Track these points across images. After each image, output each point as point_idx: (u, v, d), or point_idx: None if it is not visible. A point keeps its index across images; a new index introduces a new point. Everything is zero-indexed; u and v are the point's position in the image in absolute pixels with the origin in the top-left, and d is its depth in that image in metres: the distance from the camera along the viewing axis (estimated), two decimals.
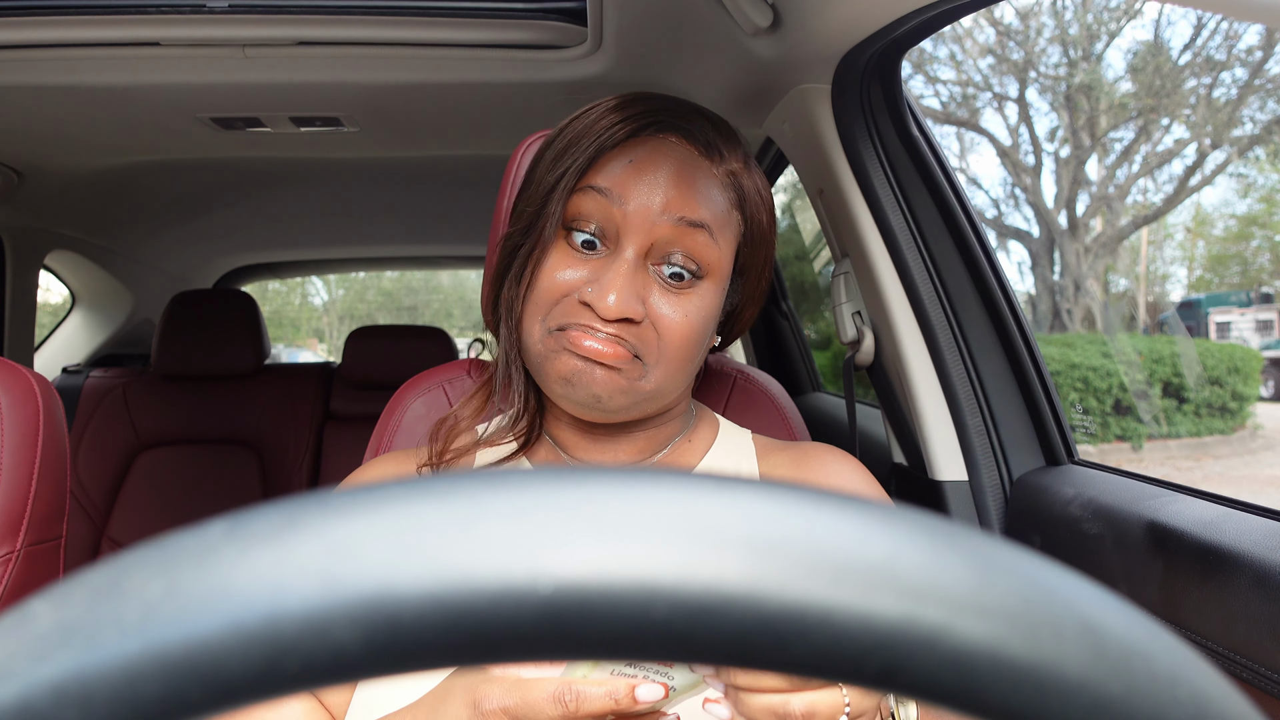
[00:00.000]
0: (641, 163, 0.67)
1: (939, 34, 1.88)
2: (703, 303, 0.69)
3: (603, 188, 0.66)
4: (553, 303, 0.67)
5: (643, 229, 0.66)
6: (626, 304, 0.64)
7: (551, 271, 0.67)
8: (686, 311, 0.67)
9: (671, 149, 0.68)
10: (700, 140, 0.70)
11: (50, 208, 2.12)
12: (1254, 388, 8.61)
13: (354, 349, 2.45)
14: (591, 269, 0.67)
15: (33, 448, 0.95)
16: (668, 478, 0.17)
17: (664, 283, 0.67)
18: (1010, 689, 0.16)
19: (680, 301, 0.67)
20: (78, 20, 1.23)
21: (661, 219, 0.66)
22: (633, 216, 0.66)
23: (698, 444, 0.79)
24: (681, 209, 0.66)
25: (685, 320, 0.67)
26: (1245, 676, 0.71)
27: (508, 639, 0.16)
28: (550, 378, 0.68)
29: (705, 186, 0.68)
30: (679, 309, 0.67)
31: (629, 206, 0.66)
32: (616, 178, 0.66)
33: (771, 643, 0.16)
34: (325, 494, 0.17)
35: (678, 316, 0.67)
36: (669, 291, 0.67)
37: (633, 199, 0.66)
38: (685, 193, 0.67)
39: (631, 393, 0.68)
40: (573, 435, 0.76)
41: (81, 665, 0.15)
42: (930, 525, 0.17)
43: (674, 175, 0.67)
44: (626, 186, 0.66)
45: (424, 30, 1.29)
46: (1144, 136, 12.55)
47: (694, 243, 0.67)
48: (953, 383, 1.15)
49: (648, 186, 0.66)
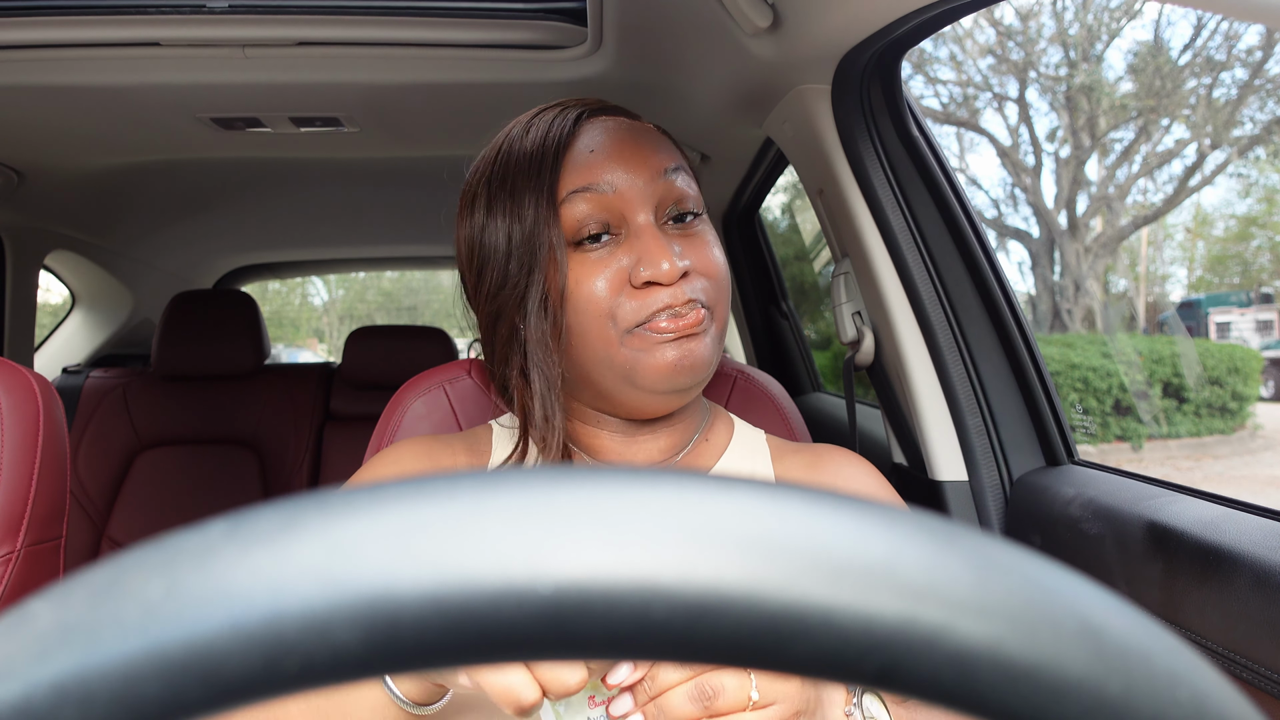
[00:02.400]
0: (601, 146, 0.69)
1: (939, 34, 1.88)
2: (712, 234, 0.73)
3: (585, 185, 0.68)
4: (610, 307, 0.67)
5: (642, 195, 0.68)
6: (677, 260, 0.67)
7: (588, 282, 0.67)
8: (710, 245, 0.71)
9: (608, 123, 0.72)
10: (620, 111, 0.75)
11: (50, 208, 2.12)
12: (1254, 388, 8.61)
13: (354, 349, 2.45)
14: (619, 256, 0.68)
15: (33, 448, 0.95)
16: (667, 477, 0.17)
17: (679, 231, 0.70)
18: (1010, 689, 0.16)
19: (699, 240, 0.71)
20: (78, 20, 1.23)
21: (651, 180, 0.69)
22: (627, 190, 0.68)
23: (715, 443, 0.79)
24: (659, 163, 0.70)
25: (713, 254, 0.71)
26: (1245, 676, 0.71)
27: (508, 639, 0.16)
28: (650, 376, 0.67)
29: (654, 138, 0.72)
30: (703, 247, 0.71)
31: (619, 185, 0.68)
32: (590, 170, 0.68)
33: (771, 643, 0.16)
34: (325, 494, 0.17)
35: (707, 253, 0.71)
36: (687, 237, 0.70)
37: (618, 177, 0.68)
38: (650, 149, 0.70)
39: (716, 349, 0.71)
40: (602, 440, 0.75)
41: (82, 665, 0.15)
42: (930, 525, 0.17)
43: (633, 141, 0.70)
44: (604, 170, 0.68)
45: (424, 30, 1.29)
46: (1144, 137, 12.55)
47: (682, 186, 0.70)
48: (953, 383, 1.15)
49: (622, 160, 0.69)
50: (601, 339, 0.67)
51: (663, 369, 0.67)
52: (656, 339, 0.67)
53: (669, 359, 0.67)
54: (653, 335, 0.67)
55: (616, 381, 0.69)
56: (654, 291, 0.67)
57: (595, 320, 0.67)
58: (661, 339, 0.67)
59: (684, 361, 0.67)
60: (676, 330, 0.66)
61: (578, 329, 0.68)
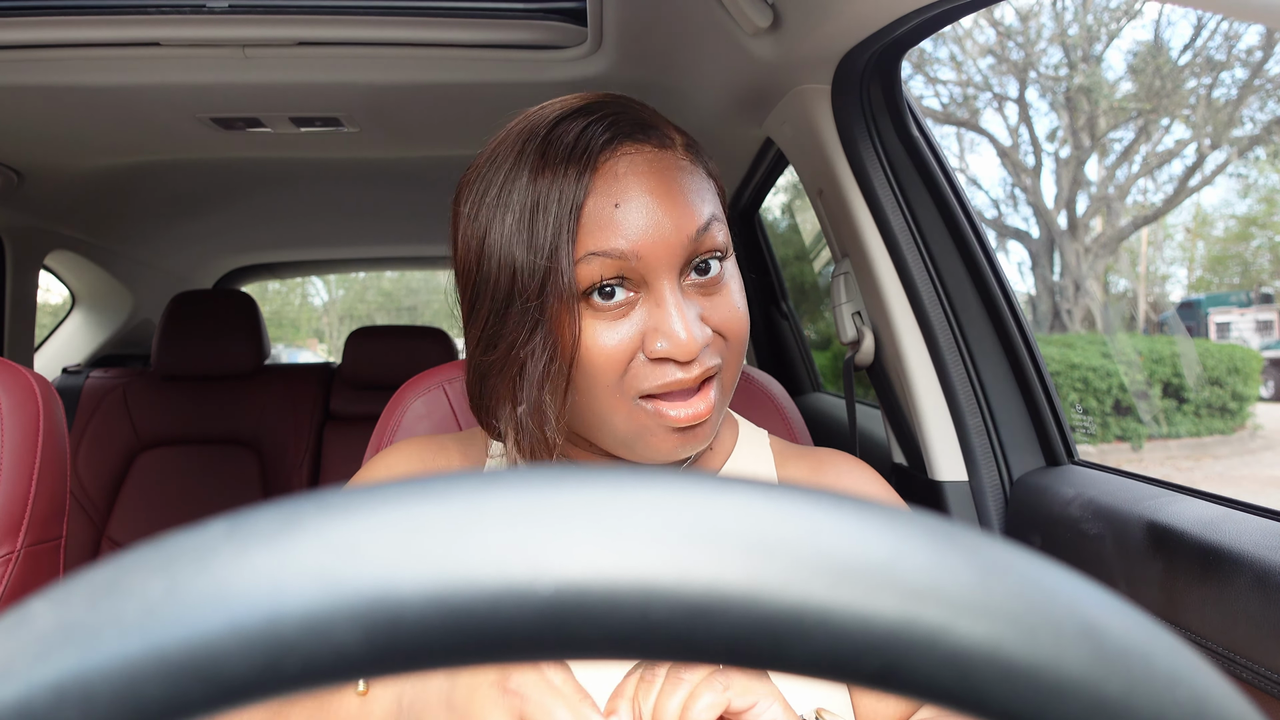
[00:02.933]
0: (626, 202, 0.61)
1: (939, 34, 1.88)
2: (735, 280, 0.67)
3: (607, 250, 0.60)
4: (619, 371, 0.62)
5: (666, 261, 0.61)
6: (697, 333, 0.61)
7: (599, 340, 0.62)
8: (734, 299, 0.65)
9: (634, 164, 0.63)
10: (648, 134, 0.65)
11: (50, 208, 2.12)
12: (1254, 388, 8.61)
13: (354, 349, 2.45)
14: (635, 320, 0.63)
15: (33, 448, 0.95)
16: (667, 478, 0.17)
17: (700, 286, 0.64)
18: (1010, 689, 0.16)
19: (721, 294, 0.65)
20: (78, 20, 1.23)
21: (677, 245, 0.62)
22: (650, 259, 0.61)
23: (719, 446, 0.78)
24: (688, 222, 0.62)
25: (736, 311, 0.65)
26: (1245, 676, 0.71)
27: (508, 639, 0.16)
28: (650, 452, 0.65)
29: (687, 181, 0.64)
30: (727, 305, 0.65)
31: (642, 251, 0.61)
32: (612, 232, 0.61)
33: (770, 643, 0.16)
34: (325, 494, 0.17)
35: (730, 312, 0.65)
36: (708, 294, 0.65)
37: (642, 243, 0.61)
38: (680, 203, 0.62)
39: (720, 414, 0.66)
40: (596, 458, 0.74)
41: (82, 665, 0.15)
42: (930, 525, 0.17)
43: (660, 192, 0.62)
44: (627, 235, 0.60)
45: (424, 30, 1.29)
46: (1144, 137, 12.55)
47: (711, 239, 0.64)
48: (953, 383, 1.15)
49: (648, 222, 0.61)
50: (608, 401, 0.64)
51: (665, 449, 0.64)
52: (662, 422, 0.63)
53: (672, 441, 0.64)
54: (660, 416, 0.63)
55: (616, 443, 0.66)
56: (667, 367, 0.62)
57: (602, 381, 0.63)
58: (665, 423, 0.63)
59: (687, 444, 0.64)
60: (687, 419, 0.63)
61: (583, 385, 0.63)
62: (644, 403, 0.63)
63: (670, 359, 0.62)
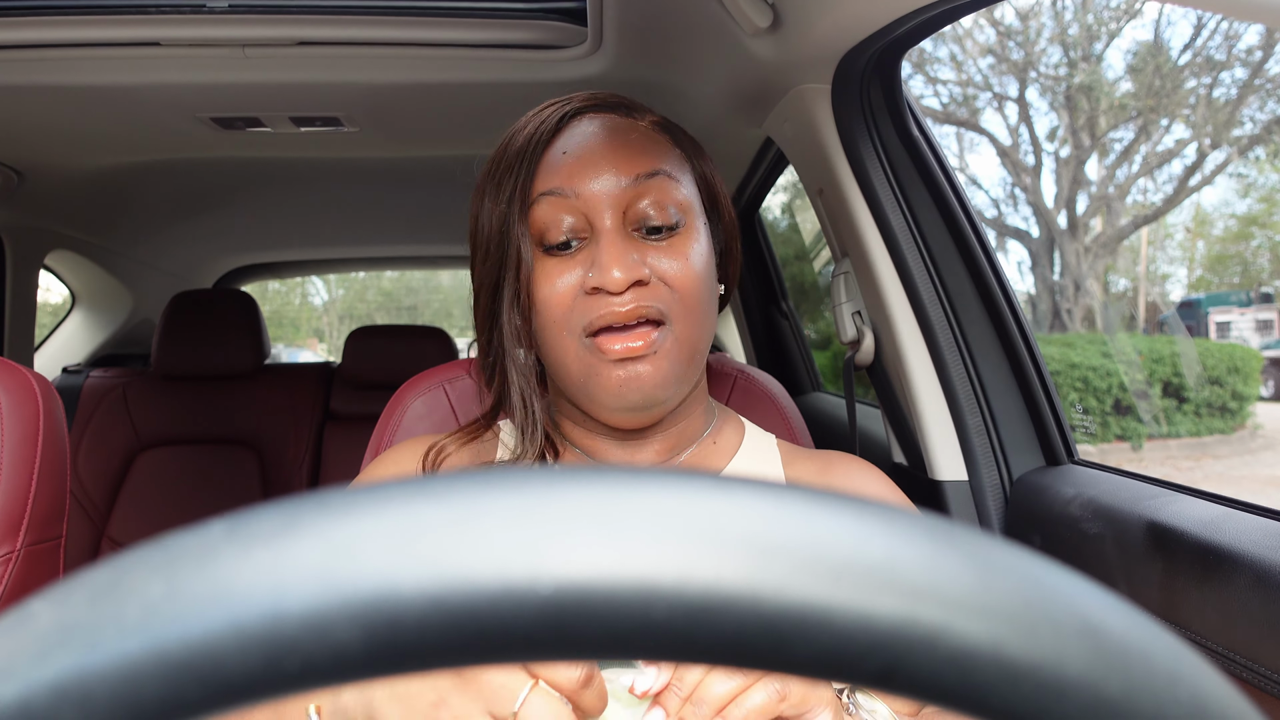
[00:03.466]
0: (575, 149, 0.68)
1: (939, 34, 1.88)
2: (695, 244, 0.70)
3: (552, 189, 0.67)
4: (568, 309, 0.67)
5: (607, 200, 0.67)
6: (628, 268, 0.65)
7: (549, 283, 0.68)
8: (687, 256, 0.69)
9: (592, 124, 0.70)
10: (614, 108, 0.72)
11: (50, 208, 2.12)
12: (1254, 387, 8.61)
13: (354, 349, 2.45)
14: (582, 261, 0.67)
15: (33, 448, 0.95)
16: (667, 477, 0.17)
17: (652, 242, 0.68)
18: (1010, 688, 0.16)
19: (674, 251, 0.68)
20: (78, 20, 1.23)
21: (620, 184, 0.67)
22: (592, 197, 0.67)
23: (724, 446, 0.78)
24: (632, 166, 0.67)
25: (687, 265, 0.68)
26: (1245, 676, 0.71)
27: (508, 639, 0.16)
28: (601, 393, 0.68)
29: (640, 139, 0.70)
30: (677, 258, 0.68)
31: (585, 189, 0.67)
32: (560, 173, 0.67)
33: (771, 643, 0.16)
34: (325, 494, 0.17)
35: (679, 265, 0.68)
36: (660, 248, 0.68)
37: (585, 181, 0.67)
38: (627, 151, 0.68)
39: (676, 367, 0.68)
40: (598, 442, 0.75)
41: (82, 665, 0.15)
42: (930, 525, 0.17)
43: (609, 142, 0.68)
44: (573, 175, 0.67)
45: (424, 30, 1.29)
46: (1144, 136, 12.55)
47: (659, 191, 0.68)
48: (953, 383, 1.15)
49: (592, 163, 0.67)
50: (560, 344, 0.68)
51: (610, 388, 0.67)
52: (603, 357, 0.66)
53: (615, 378, 0.67)
54: (600, 350, 0.66)
55: (577, 390, 0.70)
56: (601, 299, 0.66)
57: (553, 324, 0.68)
58: (607, 359, 0.66)
59: (631, 384, 0.67)
60: (620, 353, 0.66)
61: (540, 330, 0.69)
62: (587, 340, 0.67)
63: (602, 289, 0.66)
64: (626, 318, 0.66)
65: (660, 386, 0.68)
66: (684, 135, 0.75)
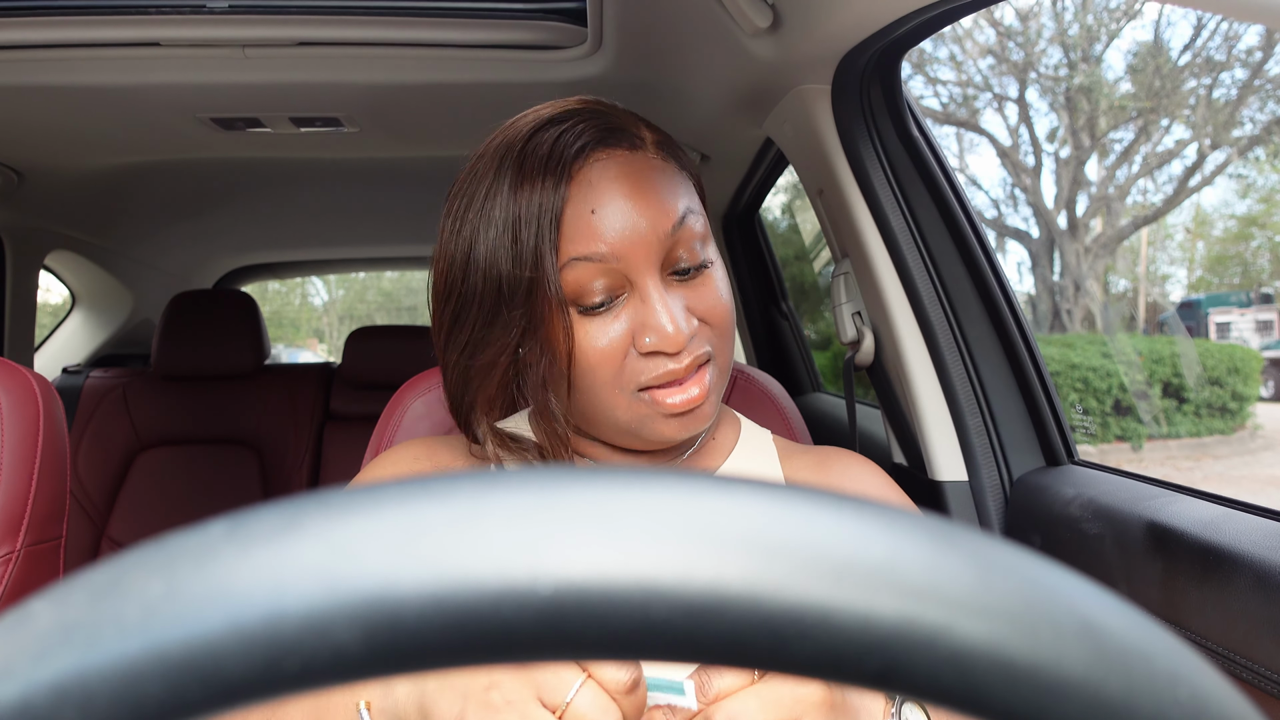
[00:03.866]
0: (602, 206, 0.64)
1: (939, 34, 1.88)
2: (719, 272, 0.70)
3: (586, 254, 0.64)
4: (618, 369, 0.66)
5: (646, 259, 0.65)
6: (683, 325, 0.65)
7: (592, 343, 0.65)
8: (719, 289, 0.69)
9: (607, 168, 0.66)
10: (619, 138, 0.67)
11: (50, 208, 2.12)
12: (1254, 388, 8.61)
13: (354, 349, 2.45)
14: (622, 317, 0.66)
15: (33, 448, 0.95)
16: (668, 478, 0.17)
17: (685, 282, 0.68)
18: (1010, 689, 0.16)
19: (707, 287, 0.68)
20: (78, 20, 1.23)
21: (657, 239, 0.65)
22: (631, 258, 0.64)
23: (721, 444, 0.78)
24: (663, 220, 0.65)
25: (719, 299, 0.68)
26: (1245, 676, 0.71)
27: (509, 639, 0.16)
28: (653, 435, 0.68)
29: (659, 179, 0.67)
30: (710, 295, 0.68)
31: (624, 252, 0.64)
32: (593, 237, 0.64)
33: (771, 643, 0.16)
34: (326, 494, 0.17)
35: (714, 301, 0.68)
36: (693, 287, 0.68)
37: (622, 244, 0.64)
38: (654, 202, 0.65)
39: (717, 397, 0.69)
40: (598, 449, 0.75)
41: (82, 665, 0.15)
42: (930, 525, 0.17)
43: (635, 192, 0.65)
44: (605, 238, 0.64)
45: (424, 30, 1.29)
46: (1144, 137, 12.55)
47: (689, 234, 0.67)
48: (953, 383, 1.15)
49: (624, 224, 0.64)
50: (610, 399, 0.67)
51: (667, 433, 0.67)
52: (660, 409, 0.66)
53: (673, 425, 0.67)
54: (658, 404, 0.66)
55: (620, 433, 0.70)
56: (658, 359, 0.65)
57: (602, 385, 0.66)
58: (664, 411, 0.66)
59: (688, 427, 0.68)
60: (681, 405, 0.66)
61: (581, 384, 0.67)
62: (642, 394, 0.67)
63: (660, 352, 0.65)
64: (686, 372, 0.66)
65: (710, 418, 0.69)
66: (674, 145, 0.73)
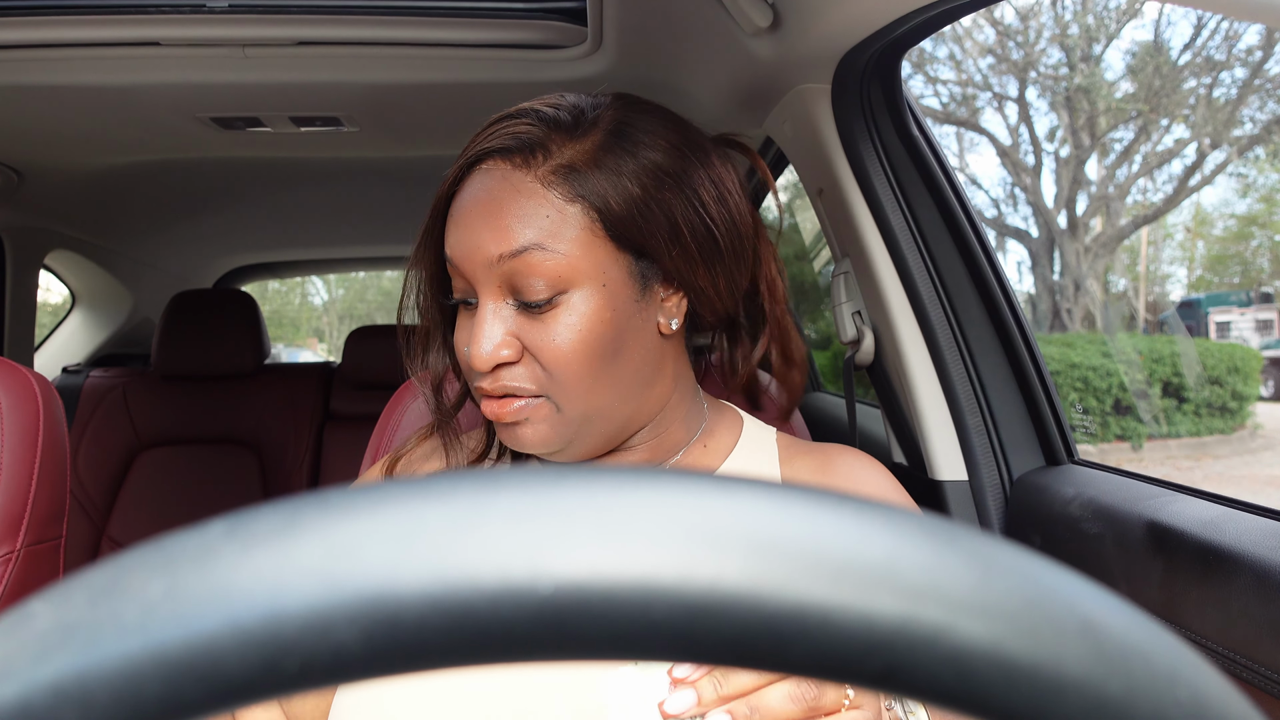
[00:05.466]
0: (459, 214, 0.66)
1: (939, 34, 1.88)
2: (573, 316, 0.64)
3: (448, 256, 0.67)
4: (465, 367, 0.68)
5: (481, 277, 0.64)
6: (487, 353, 0.64)
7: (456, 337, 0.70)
8: (555, 333, 0.64)
9: (483, 179, 0.65)
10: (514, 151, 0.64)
11: (50, 208, 2.12)
12: (1254, 387, 8.62)
13: (354, 349, 2.45)
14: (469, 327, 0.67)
15: (33, 448, 0.95)
16: (668, 477, 0.17)
17: (530, 314, 0.65)
18: (1010, 689, 0.16)
19: (546, 325, 0.64)
20: (78, 20, 1.23)
21: (489, 263, 0.63)
22: (470, 271, 0.65)
23: (716, 448, 0.77)
24: (497, 245, 0.63)
25: (556, 342, 0.64)
26: (1245, 676, 0.71)
27: (508, 639, 0.16)
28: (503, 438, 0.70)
29: (517, 205, 0.63)
30: (546, 334, 0.64)
31: (464, 263, 0.65)
32: (450, 241, 0.66)
33: (771, 643, 0.16)
34: (325, 494, 0.17)
35: (547, 340, 0.64)
36: (536, 320, 0.64)
37: (463, 254, 0.65)
38: (495, 225, 0.63)
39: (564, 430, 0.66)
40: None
41: (81, 665, 0.15)
42: (930, 525, 0.17)
43: (483, 212, 0.64)
44: (457, 245, 0.65)
45: (424, 30, 1.29)
46: (1144, 137, 12.55)
47: (529, 267, 0.63)
48: (953, 383, 1.15)
49: (468, 236, 0.64)
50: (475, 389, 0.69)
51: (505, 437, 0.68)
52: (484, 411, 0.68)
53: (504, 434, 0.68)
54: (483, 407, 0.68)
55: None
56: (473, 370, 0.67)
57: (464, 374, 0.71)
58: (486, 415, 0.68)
59: (513, 440, 0.67)
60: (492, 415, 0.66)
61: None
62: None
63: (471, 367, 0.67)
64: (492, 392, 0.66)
65: (544, 444, 0.67)
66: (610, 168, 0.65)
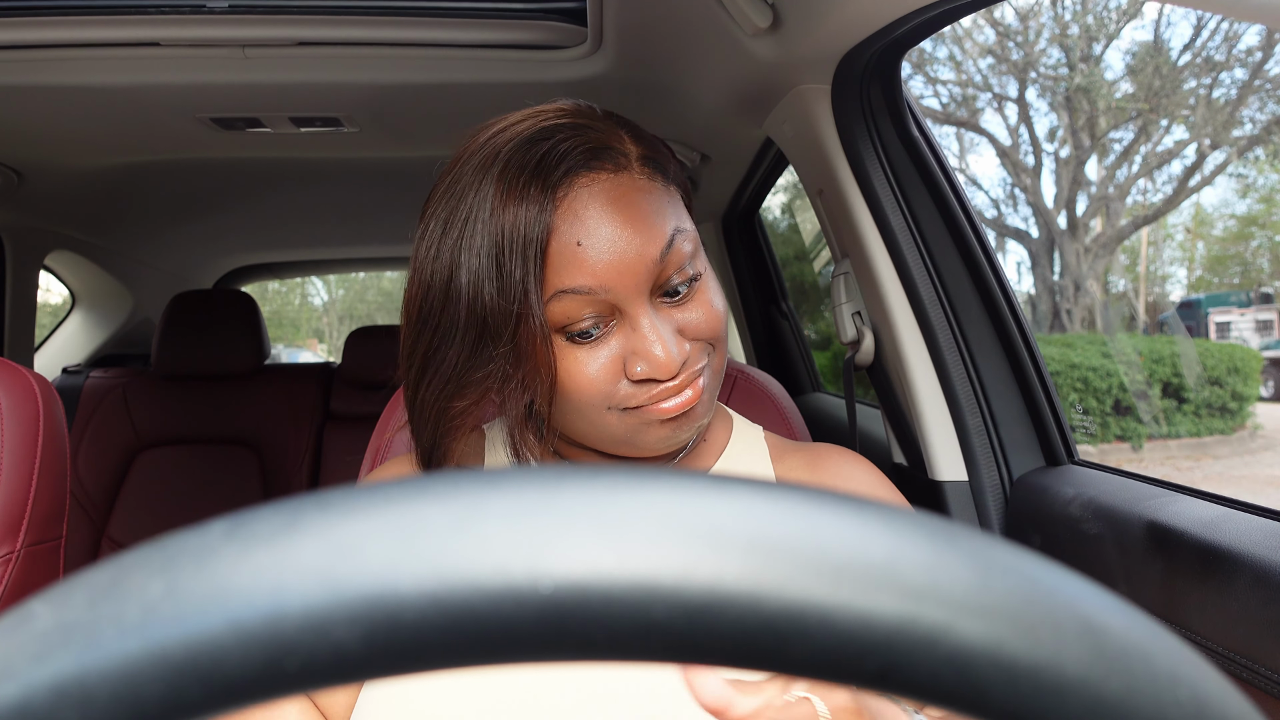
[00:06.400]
0: (588, 237, 0.61)
1: (939, 34, 1.88)
2: (709, 284, 0.67)
3: (574, 287, 0.61)
4: (607, 394, 0.64)
5: (635, 288, 0.62)
6: (676, 351, 0.63)
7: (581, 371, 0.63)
8: (710, 304, 0.66)
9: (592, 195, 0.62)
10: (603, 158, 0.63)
11: (50, 208, 2.12)
12: (1254, 388, 8.61)
13: (354, 349, 2.45)
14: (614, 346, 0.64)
15: (33, 448, 0.95)
16: (668, 478, 0.17)
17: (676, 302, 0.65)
18: (1010, 689, 0.16)
19: (699, 301, 0.66)
20: (78, 20, 1.23)
21: (646, 267, 0.62)
22: (619, 289, 0.61)
23: (713, 442, 0.78)
24: (651, 247, 0.62)
25: (712, 310, 0.66)
26: (1245, 676, 0.71)
27: (508, 639, 0.16)
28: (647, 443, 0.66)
29: (645, 202, 0.63)
30: (702, 308, 0.66)
31: (613, 284, 0.61)
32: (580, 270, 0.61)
33: (771, 643, 0.16)
34: (326, 494, 0.17)
35: (705, 313, 0.66)
36: (686, 304, 0.66)
37: (608, 276, 0.61)
38: (641, 229, 0.62)
39: (712, 395, 0.68)
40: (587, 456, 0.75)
41: (81, 665, 0.15)
42: (930, 525, 0.17)
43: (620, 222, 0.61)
44: (594, 270, 0.61)
45: (424, 30, 1.29)
46: (1143, 137, 12.56)
47: (677, 256, 0.64)
48: (953, 383, 1.15)
49: (611, 255, 0.61)
50: (598, 419, 0.65)
51: (661, 437, 0.66)
52: (653, 418, 0.65)
53: (667, 429, 0.66)
54: (653, 412, 0.64)
55: (610, 444, 0.68)
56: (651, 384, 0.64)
57: (590, 407, 0.64)
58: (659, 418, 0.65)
59: (682, 429, 0.66)
60: (673, 410, 0.64)
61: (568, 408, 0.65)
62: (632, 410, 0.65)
63: (653, 380, 0.63)
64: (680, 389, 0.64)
65: (703, 417, 0.67)
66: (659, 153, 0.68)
